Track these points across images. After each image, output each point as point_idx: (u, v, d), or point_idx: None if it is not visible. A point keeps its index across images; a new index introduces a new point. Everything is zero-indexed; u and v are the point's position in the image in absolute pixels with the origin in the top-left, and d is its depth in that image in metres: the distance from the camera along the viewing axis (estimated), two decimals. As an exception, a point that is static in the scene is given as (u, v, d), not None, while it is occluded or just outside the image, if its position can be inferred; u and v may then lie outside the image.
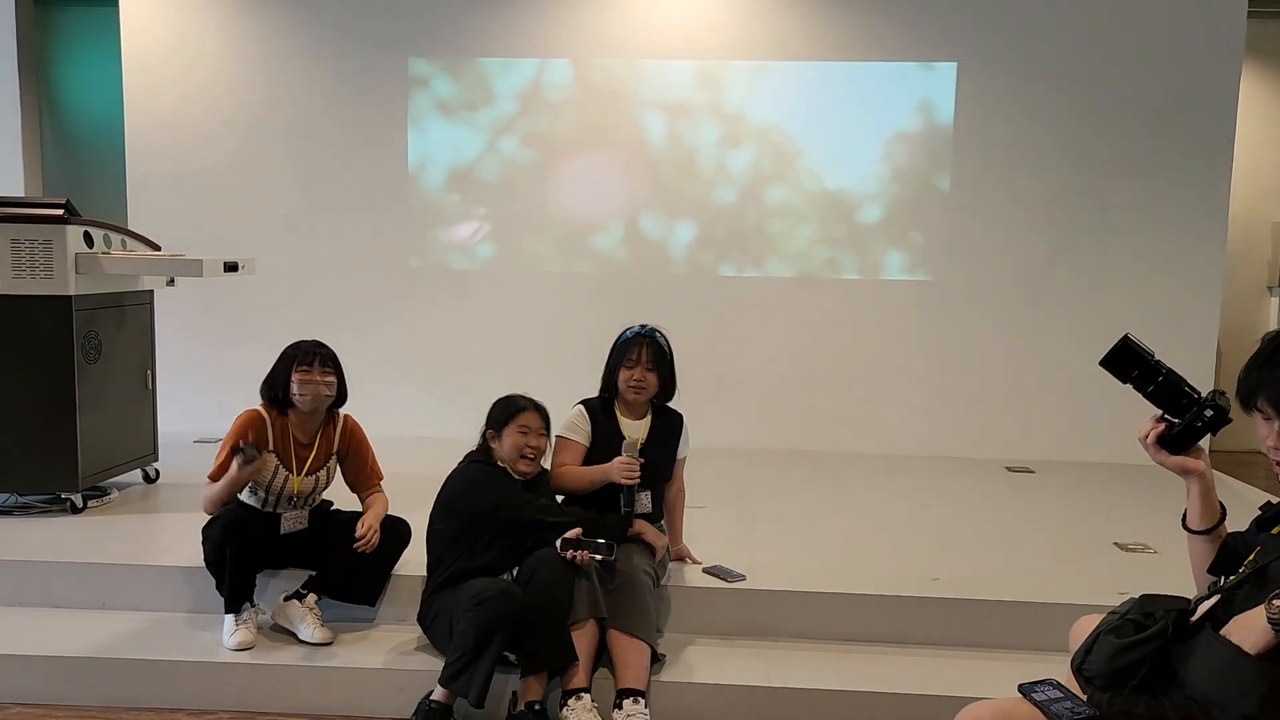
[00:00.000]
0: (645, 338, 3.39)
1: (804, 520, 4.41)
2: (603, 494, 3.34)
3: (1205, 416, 1.94)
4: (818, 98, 5.79)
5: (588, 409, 3.44)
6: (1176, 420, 1.99)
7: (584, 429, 3.41)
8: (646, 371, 3.36)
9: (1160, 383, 1.99)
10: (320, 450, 3.46)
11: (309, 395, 3.35)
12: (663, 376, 3.41)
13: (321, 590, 3.35)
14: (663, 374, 3.40)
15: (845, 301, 5.87)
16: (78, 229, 4.10)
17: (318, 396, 3.37)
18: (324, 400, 3.40)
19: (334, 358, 3.43)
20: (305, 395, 3.35)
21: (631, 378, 3.36)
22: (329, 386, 3.39)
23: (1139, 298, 5.74)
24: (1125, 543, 4.06)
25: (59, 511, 4.17)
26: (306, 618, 3.26)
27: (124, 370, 4.44)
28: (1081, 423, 5.78)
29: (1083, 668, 1.92)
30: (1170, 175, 5.70)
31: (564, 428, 3.42)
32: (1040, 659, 3.19)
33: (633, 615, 3.04)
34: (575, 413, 3.44)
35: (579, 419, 3.42)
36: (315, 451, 3.45)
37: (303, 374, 3.34)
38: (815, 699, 3.05)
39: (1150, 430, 2.02)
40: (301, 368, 3.35)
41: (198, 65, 5.95)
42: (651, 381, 3.38)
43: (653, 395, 3.42)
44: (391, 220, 5.97)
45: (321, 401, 3.39)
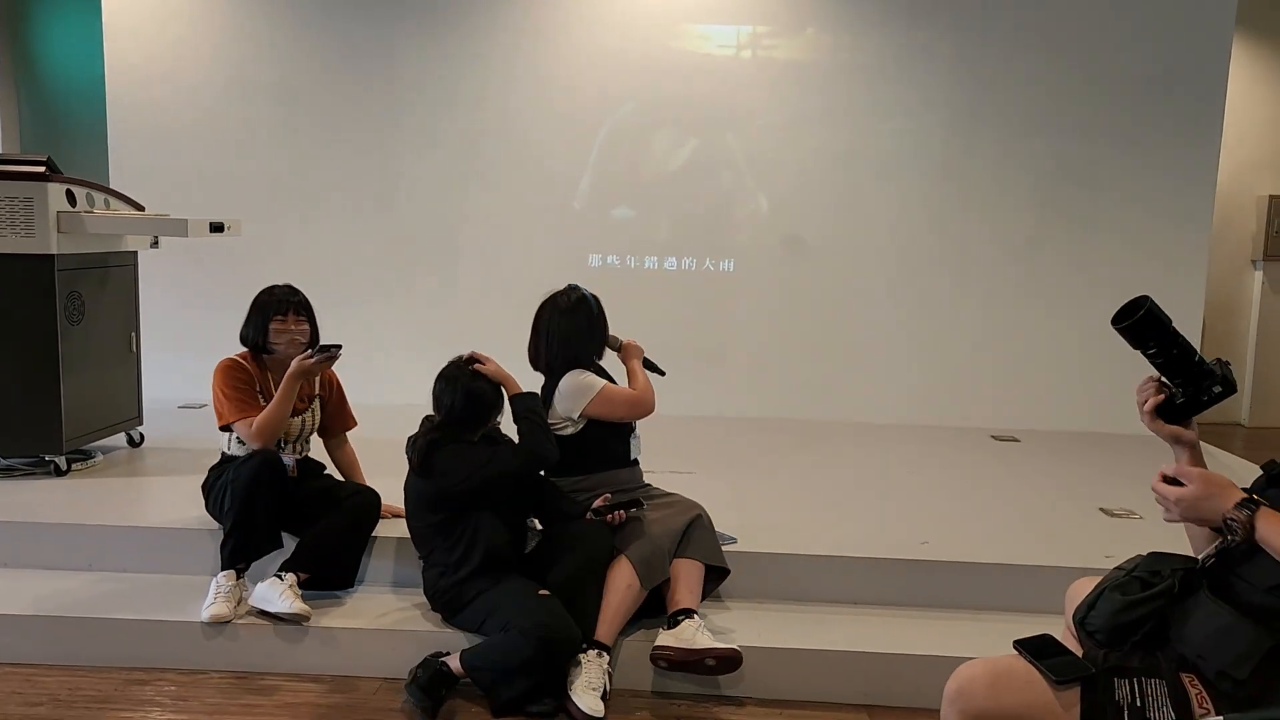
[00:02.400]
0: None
1: (792, 486, 4.42)
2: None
3: (1214, 392, 1.85)
4: (800, 63, 5.75)
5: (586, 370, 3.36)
6: (1180, 390, 1.90)
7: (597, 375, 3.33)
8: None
9: (1175, 354, 1.88)
10: (301, 391, 3.47)
11: (284, 343, 3.42)
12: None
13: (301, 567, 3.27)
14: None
15: (831, 270, 5.87)
16: (60, 187, 4.03)
17: (293, 344, 3.43)
18: (299, 348, 3.43)
19: (307, 305, 3.50)
20: (280, 343, 3.42)
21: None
22: (303, 334, 3.46)
23: (1124, 268, 5.76)
24: (1111, 508, 4.09)
25: (43, 474, 4.13)
26: (286, 593, 3.16)
27: (108, 332, 4.39)
28: (1066, 392, 5.82)
29: (1085, 622, 1.94)
30: (1158, 147, 5.70)
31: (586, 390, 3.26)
32: (1030, 621, 3.18)
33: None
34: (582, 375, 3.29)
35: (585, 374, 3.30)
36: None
37: (279, 323, 3.41)
38: (805, 658, 3.07)
39: (1151, 398, 1.93)
40: (277, 317, 3.41)
41: (180, 22, 5.84)
42: None
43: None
44: (379, 183, 5.91)
45: (297, 349, 3.42)
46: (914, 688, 3.01)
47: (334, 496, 3.40)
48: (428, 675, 2.87)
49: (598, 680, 2.88)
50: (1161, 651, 1.85)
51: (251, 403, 3.36)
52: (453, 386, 3.12)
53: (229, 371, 3.38)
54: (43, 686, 3.02)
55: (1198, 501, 1.75)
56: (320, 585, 3.32)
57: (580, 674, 2.89)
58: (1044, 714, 1.78)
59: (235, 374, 3.38)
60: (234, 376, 3.37)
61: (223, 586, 3.17)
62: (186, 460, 4.43)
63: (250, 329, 3.45)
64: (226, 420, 3.35)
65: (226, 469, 3.32)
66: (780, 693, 3.05)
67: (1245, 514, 1.69)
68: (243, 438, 3.36)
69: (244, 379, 3.38)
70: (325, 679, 3.10)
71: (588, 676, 2.88)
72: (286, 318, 3.41)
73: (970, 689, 1.84)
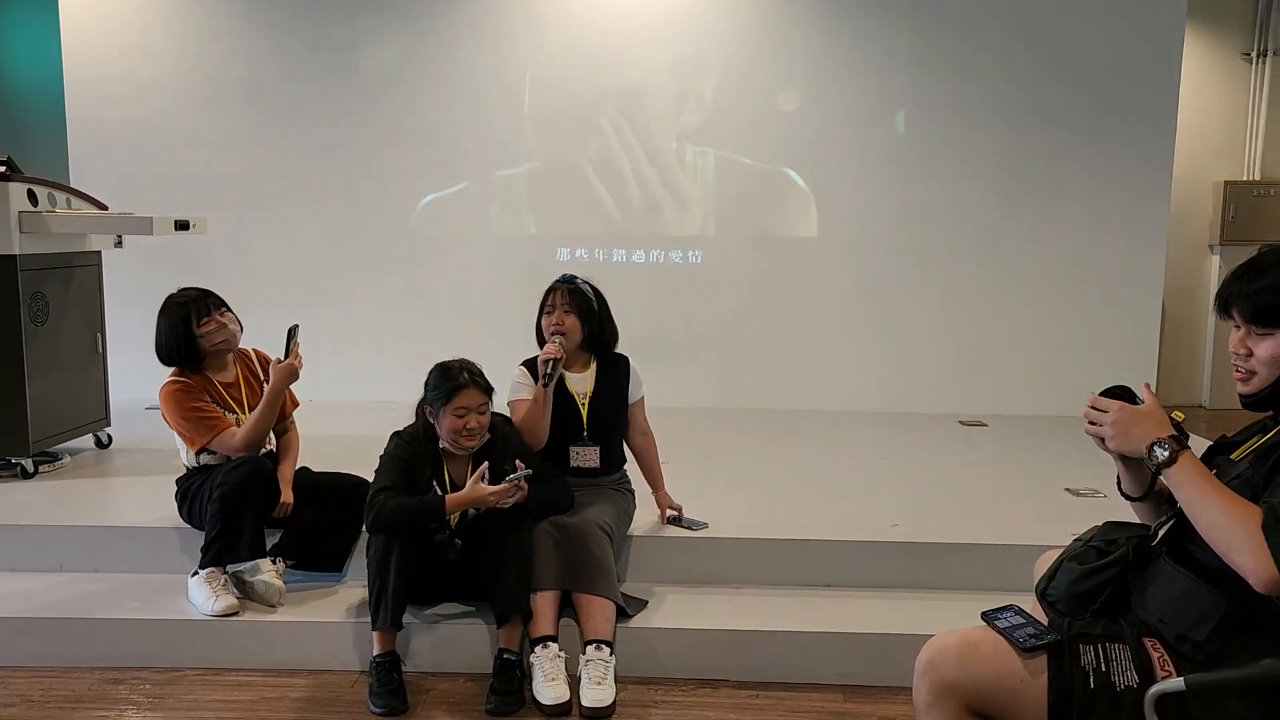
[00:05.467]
0: (564, 284, 3.40)
1: (763, 473, 4.46)
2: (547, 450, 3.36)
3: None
4: (761, 55, 5.79)
5: (528, 367, 3.42)
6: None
7: (528, 384, 3.38)
8: (565, 314, 3.35)
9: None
10: (249, 383, 3.47)
11: (223, 339, 3.37)
12: (590, 323, 3.39)
13: (289, 555, 3.34)
14: (590, 321, 3.39)
15: (795, 260, 5.91)
16: (21, 186, 3.99)
17: (232, 338, 3.40)
18: (236, 339, 3.41)
19: (221, 297, 3.44)
20: (220, 341, 3.36)
21: (550, 323, 3.37)
22: (235, 323, 3.42)
23: (1085, 255, 5.86)
24: (1076, 488, 4.17)
25: (9, 476, 4.09)
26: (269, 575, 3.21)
27: (73, 333, 4.34)
28: (1032, 377, 5.91)
29: (1046, 593, 1.99)
30: (1116, 134, 5.80)
31: (511, 390, 3.40)
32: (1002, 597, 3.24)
33: (593, 575, 3.05)
34: (518, 373, 3.42)
35: (522, 378, 3.40)
36: (244, 386, 3.46)
37: (208, 323, 3.34)
38: (780, 640, 3.10)
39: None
40: (203, 320, 3.34)
41: (140, 20, 5.78)
42: (571, 324, 3.35)
43: (580, 341, 3.39)
44: (345, 182, 5.88)
45: (235, 341, 3.41)
46: (888, 667, 3.05)
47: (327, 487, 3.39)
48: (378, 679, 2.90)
49: (553, 670, 2.90)
50: (1124, 618, 1.90)
51: (215, 415, 3.31)
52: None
53: (176, 396, 3.30)
54: (14, 688, 2.99)
55: (1129, 426, 1.84)
56: (310, 567, 3.34)
57: (535, 673, 2.91)
58: (1013, 682, 1.82)
59: (183, 397, 3.29)
60: (183, 399, 3.29)
61: (216, 580, 3.16)
62: (156, 460, 4.40)
63: (175, 344, 3.32)
64: (200, 444, 3.30)
65: (208, 474, 3.27)
66: (757, 675, 3.08)
67: (1173, 448, 1.77)
68: (223, 452, 3.32)
69: (193, 397, 3.30)
70: (302, 673, 3.09)
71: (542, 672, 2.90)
72: (211, 316, 3.36)
73: (940, 659, 1.88)
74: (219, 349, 3.38)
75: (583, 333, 3.38)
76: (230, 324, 3.40)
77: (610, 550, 3.16)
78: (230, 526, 3.15)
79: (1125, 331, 5.90)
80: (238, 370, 3.49)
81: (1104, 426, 1.87)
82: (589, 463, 3.40)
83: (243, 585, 3.25)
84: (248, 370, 3.52)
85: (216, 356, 3.40)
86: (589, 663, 2.92)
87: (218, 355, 3.40)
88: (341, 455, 3.68)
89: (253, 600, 3.23)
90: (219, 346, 3.37)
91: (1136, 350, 5.90)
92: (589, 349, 3.45)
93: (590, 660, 2.93)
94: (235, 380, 3.46)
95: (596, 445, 3.41)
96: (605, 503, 3.31)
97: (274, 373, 3.32)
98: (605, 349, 3.49)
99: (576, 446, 3.39)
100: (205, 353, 3.36)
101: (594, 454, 3.41)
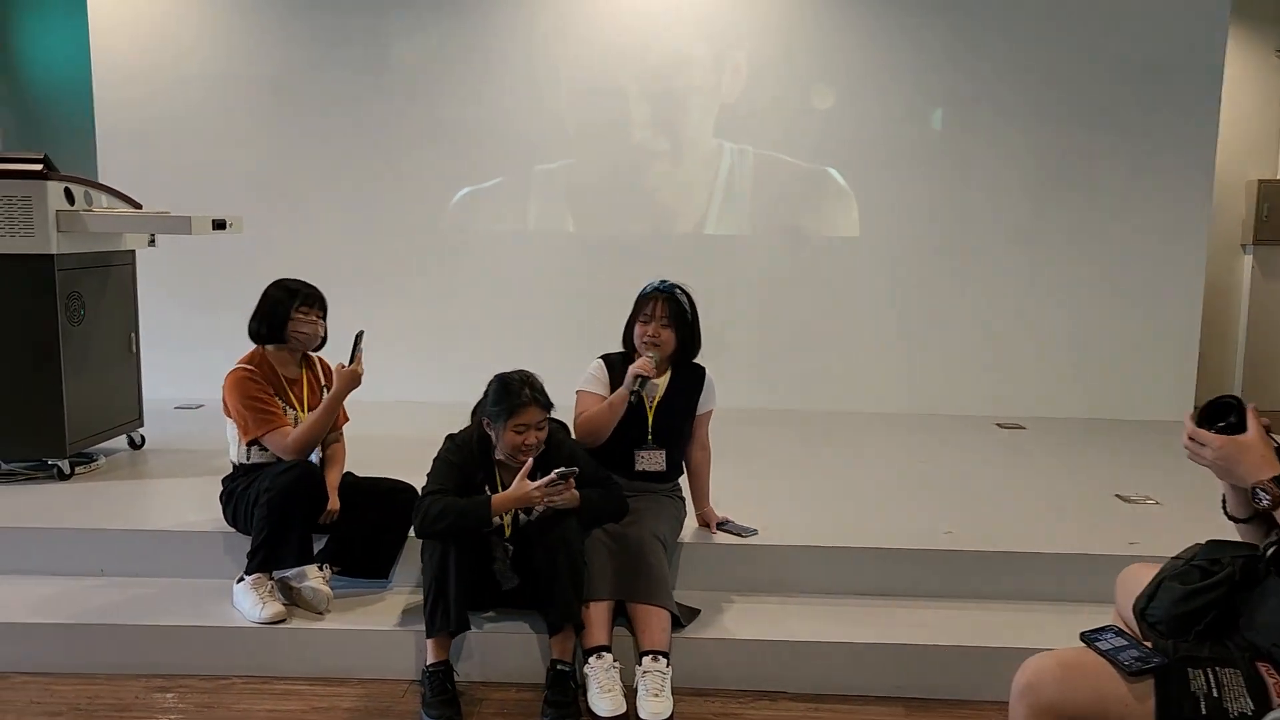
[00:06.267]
0: (663, 293, 3.33)
1: (806, 476, 4.40)
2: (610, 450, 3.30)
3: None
4: (796, 53, 5.72)
5: (607, 363, 3.38)
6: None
7: (603, 380, 3.34)
8: (661, 327, 3.28)
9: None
10: (311, 386, 3.44)
11: (308, 334, 3.37)
12: (681, 334, 3.33)
13: (335, 561, 3.30)
14: (681, 332, 3.32)
15: (832, 259, 5.84)
16: (58, 185, 3.94)
17: (314, 337, 3.40)
18: (315, 343, 3.42)
19: (326, 305, 3.47)
20: (305, 334, 3.36)
21: (646, 333, 3.29)
22: (323, 329, 3.43)
23: (1124, 255, 5.78)
24: (1127, 495, 4.09)
25: (45, 478, 4.04)
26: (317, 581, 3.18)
27: (108, 333, 4.30)
28: (1069, 379, 5.84)
29: (1146, 612, 1.92)
30: (1157, 132, 5.72)
31: (583, 381, 3.36)
32: (1064, 609, 3.25)
33: (649, 585, 3.00)
34: (595, 366, 3.38)
35: (599, 372, 3.36)
36: (306, 388, 3.43)
37: (303, 314, 3.35)
38: (838, 651, 3.04)
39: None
40: (303, 308, 3.35)
41: (168, 17, 5.72)
42: (667, 338, 3.30)
43: (670, 353, 3.34)
44: (375, 179, 5.82)
45: (313, 344, 3.41)
46: (950, 679, 3.00)
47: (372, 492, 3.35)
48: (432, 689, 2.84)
49: (608, 681, 2.85)
50: (1231, 640, 1.83)
51: (275, 411, 3.29)
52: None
53: (243, 384, 3.28)
54: (60, 696, 2.95)
55: (1232, 464, 1.79)
56: (356, 574, 3.31)
57: (590, 684, 2.86)
58: (1118, 706, 1.76)
59: (249, 385, 3.28)
60: (249, 387, 3.28)
61: (262, 586, 3.11)
62: (190, 462, 4.37)
63: (265, 322, 3.35)
64: (254, 435, 3.27)
65: (255, 477, 3.24)
66: (815, 687, 3.02)
67: (1275, 493, 1.72)
68: (275, 450, 3.29)
69: (259, 387, 3.30)
70: (351, 682, 3.04)
71: (597, 683, 2.85)
72: (311, 309, 3.37)
73: (1039, 681, 1.82)
74: (297, 343, 3.38)
75: (675, 346, 3.33)
76: (319, 329, 3.40)
77: (665, 559, 3.10)
78: (277, 532, 3.09)
79: (1165, 333, 5.82)
80: (304, 372, 3.46)
81: (1205, 461, 1.80)
82: (655, 466, 3.35)
83: (289, 591, 3.21)
84: (312, 375, 3.49)
85: (292, 349, 3.39)
86: (646, 674, 2.87)
87: (294, 348, 3.39)
88: (377, 457, 3.64)
89: (299, 607, 3.18)
90: (299, 339, 3.36)
91: (1176, 352, 5.82)
92: (671, 358, 3.39)
93: (647, 671, 2.87)
94: (299, 380, 3.43)
95: (663, 449, 3.36)
96: (659, 511, 3.25)
97: (337, 378, 3.30)
98: (688, 359, 3.43)
99: (643, 450, 3.34)
100: (288, 338, 3.36)
101: (660, 458, 3.36)
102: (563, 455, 3.08)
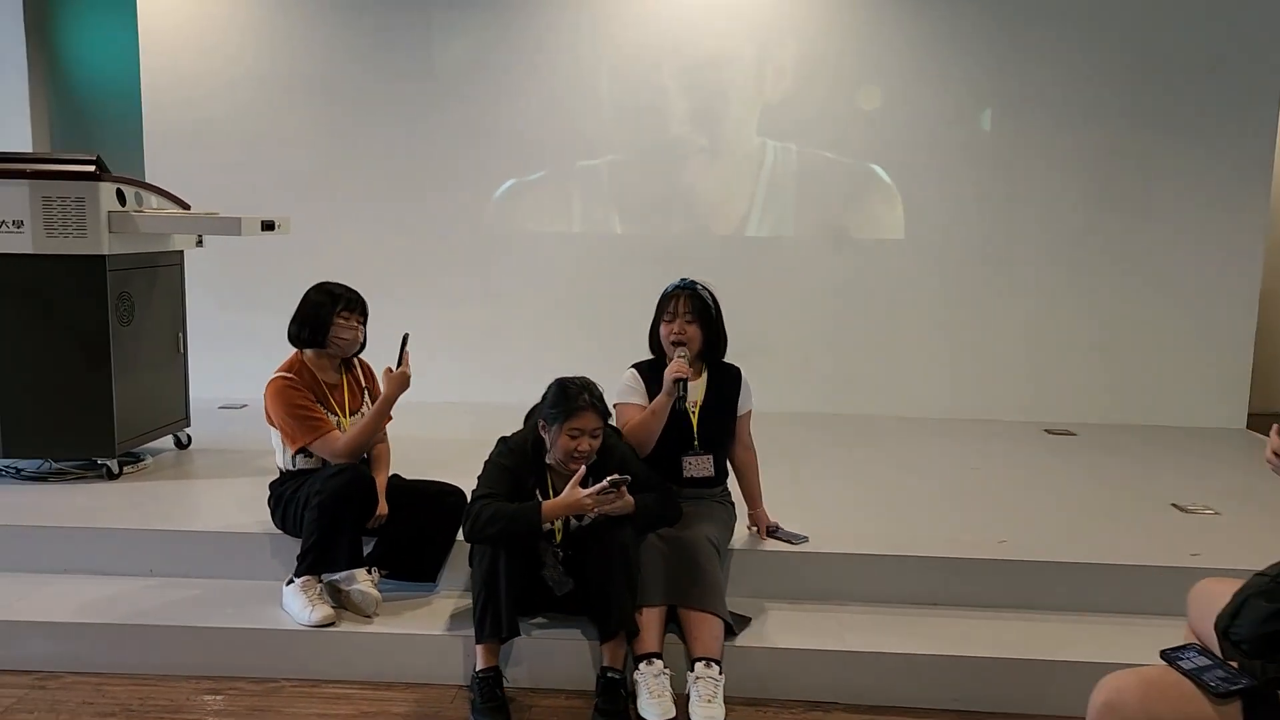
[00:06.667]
0: (684, 290, 3.27)
1: (853, 482, 4.34)
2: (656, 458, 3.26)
3: None
4: (845, 54, 5.65)
5: (639, 371, 3.35)
6: None
7: (639, 390, 3.31)
8: (686, 324, 3.22)
9: None
10: (352, 390, 3.44)
11: (348, 340, 3.37)
12: (706, 330, 3.27)
13: (383, 564, 3.28)
14: (706, 327, 3.27)
15: (879, 263, 5.77)
16: (110, 186, 3.96)
17: (354, 343, 3.40)
18: (355, 348, 3.42)
19: (367, 308, 3.46)
20: (345, 339, 3.36)
21: (671, 331, 3.24)
22: (363, 335, 3.43)
23: (1177, 259, 5.66)
24: (1183, 504, 4.00)
25: (95, 478, 4.07)
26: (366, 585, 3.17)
27: (156, 333, 4.32)
28: (1119, 384, 5.73)
29: (1229, 631, 1.85)
30: (1211, 133, 5.59)
31: (619, 394, 3.32)
32: (1126, 622, 3.19)
33: (702, 591, 2.96)
34: (628, 376, 3.35)
35: (633, 381, 3.33)
36: (347, 392, 3.43)
37: (344, 319, 3.34)
38: (892, 662, 2.98)
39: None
40: (345, 313, 3.35)
41: (215, 18, 5.76)
42: (692, 334, 3.23)
43: (699, 351, 3.29)
44: (416, 178, 5.82)
45: (353, 349, 3.41)
46: (1007, 692, 2.94)
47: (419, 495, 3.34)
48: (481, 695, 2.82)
49: (659, 688, 2.81)
50: (1321, 661, 1.77)
51: (320, 416, 3.28)
52: None
53: (285, 392, 3.27)
54: (112, 696, 2.95)
55: None
56: (404, 577, 3.30)
57: (640, 690, 2.83)
58: (1202, 728, 1.70)
59: (291, 393, 3.27)
60: (290, 396, 3.27)
61: (312, 589, 3.10)
62: (235, 462, 4.38)
63: (306, 326, 3.35)
64: (302, 443, 3.27)
65: (304, 480, 3.24)
66: (870, 698, 2.97)
67: None
68: (324, 456, 3.29)
69: (301, 395, 3.29)
70: (400, 686, 3.03)
71: (647, 689, 2.81)
72: (352, 314, 3.36)
73: (1120, 701, 1.76)
74: (337, 348, 3.37)
75: (702, 341, 3.28)
76: (359, 334, 3.40)
77: (719, 565, 3.06)
78: (328, 535, 3.08)
79: (1218, 338, 5.69)
80: (344, 376, 3.46)
81: None
82: (704, 472, 3.31)
83: (337, 594, 3.20)
84: (353, 378, 3.48)
85: (332, 354, 3.39)
86: (698, 680, 2.83)
87: (334, 353, 3.39)
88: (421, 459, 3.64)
89: (348, 610, 3.17)
90: (339, 344, 3.36)
91: (1229, 358, 5.70)
92: (702, 357, 3.34)
93: (700, 678, 2.83)
94: (340, 384, 3.43)
95: (709, 454, 3.32)
96: (711, 516, 3.21)
97: (386, 381, 3.29)
98: (717, 357, 3.38)
99: (690, 456, 3.29)
100: (328, 343, 3.35)
101: (708, 463, 3.31)
102: (615, 460, 3.04)
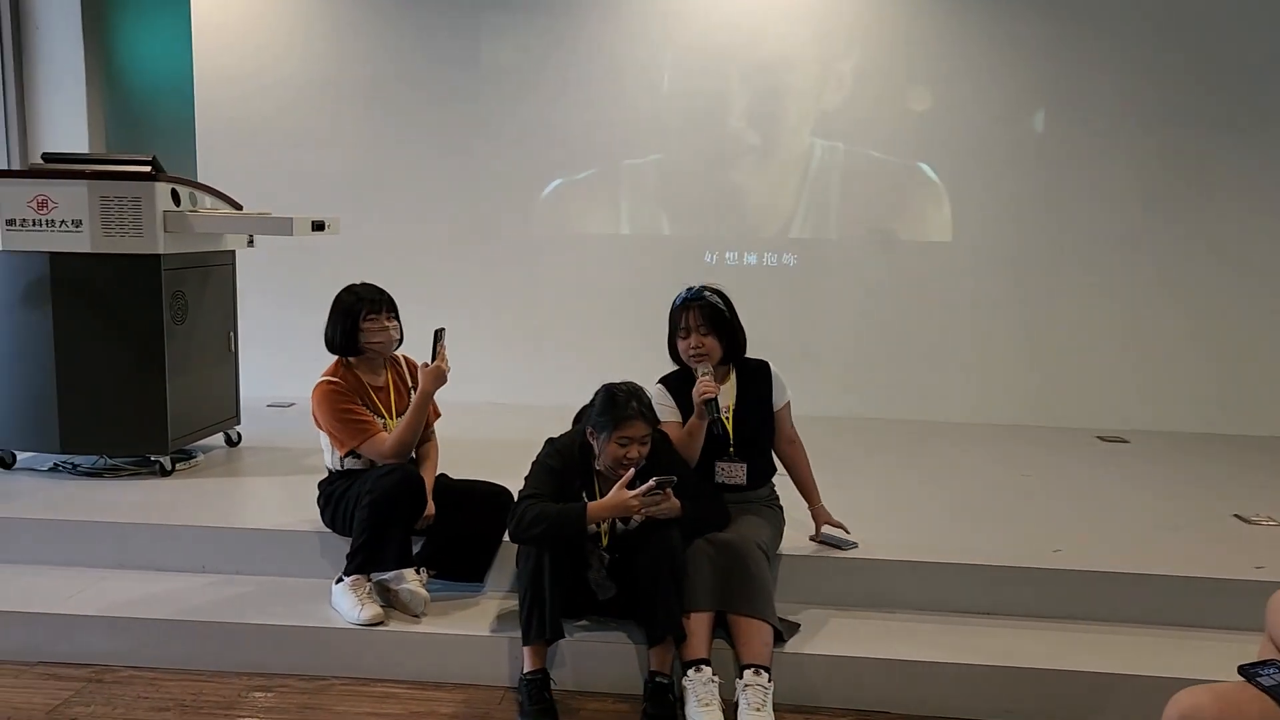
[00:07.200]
0: (693, 301, 3.20)
1: (901, 488, 4.29)
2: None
3: None
4: (894, 55, 5.59)
5: (666, 386, 3.29)
6: None
7: (670, 405, 3.25)
8: (702, 337, 3.17)
9: None
10: (398, 389, 3.45)
11: (383, 342, 3.37)
12: (723, 336, 3.21)
13: (431, 564, 3.30)
14: (722, 333, 3.20)
15: (928, 267, 5.70)
16: (165, 186, 4.01)
17: (389, 342, 3.40)
18: (392, 345, 3.42)
19: (395, 303, 3.45)
20: (379, 342, 3.36)
21: (689, 347, 3.18)
22: (397, 331, 3.43)
23: (1233, 263, 5.53)
24: (1246, 515, 3.90)
25: (148, 474, 4.12)
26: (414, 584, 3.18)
27: (209, 331, 4.37)
28: (1172, 391, 5.61)
29: (1309, 648, 1.80)
30: (1270, 136, 5.46)
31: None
32: (1182, 634, 3.11)
33: (751, 596, 2.93)
34: (657, 392, 3.26)
35: (663, 398, 3.26)
36: (393, 392, 3.44)
37: (373, 322, 3.35)
38: (945, 672, 2.93)
39: None
40: (372, 316, 3.35)
41: (267, 19, 5.82)
42: (710, 345, 3.18)
43: (719, 359, 3.23)
44: (464, 178, 5.84)
45: (390, 347, 3.41)
46: (1062, 705, 2.88)
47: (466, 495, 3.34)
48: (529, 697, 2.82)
49: (707, 695, 2.78)
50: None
51: (366, 419, 3.30)
52: None
53: (330, 396, 3.29)
54: (167, 691, 2.98)
55: None
56: (451, 577, 3.31)
57: (688, 697, 2.80)
58: (1281, 749, 1.64)
59: (336, 397, 3.29)
60: (336, 400, 3.28)
61: (361, 588, 3.12)
62: (284, 460, 4.42)
63: (338, 332, 3.36)
64: (350, 447, 3.29)
65: (354, 479, 3.25)
66: (921, 708, 2.92)
67: None
68: (372, 457, 3.30)
69: (347, 398, 3.30)
70: (448, 686, 3.03)
71: (695, 697, 2.79)
72: (380, 315, 3.36)
73: (1196, 718, 1.71)
74: (373, 350, 3.38)
75: (721, 349, 3.22)
76: (392, 330, 3.40)
77: (768, 570, 3.03)
78: (378, 535, 3.09)
79: (1274, 345, 5.55)
80: (389, 375, 3.47)
81: None
82: (735, 479, 3.26)
83: (386, 594, 3.21)
84: (397, 376, 3.50)
85: (371, 357, 3.39)
86: (747, 688, 2.80)
87: (372, 356, 3.39)
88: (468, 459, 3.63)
89: (396, 609, 3.18)
90: (374, 347, 3.37)
91: (1287, 365, 5.56)
92: (725, 360, 3.30)
93: (749, 685, 2.80)
94: (385, 385, 3.44)
95: (743, 462, 3.27)
96: (760, 520, 3.18)
97: (422, 377, 3.30)
98: (740, 356, 3.33)
99: (722, 463, 3.25)
100: (363, 349, 3.36)
101: (740, 470, 3.26)
102: (661, 464, 3.02)
